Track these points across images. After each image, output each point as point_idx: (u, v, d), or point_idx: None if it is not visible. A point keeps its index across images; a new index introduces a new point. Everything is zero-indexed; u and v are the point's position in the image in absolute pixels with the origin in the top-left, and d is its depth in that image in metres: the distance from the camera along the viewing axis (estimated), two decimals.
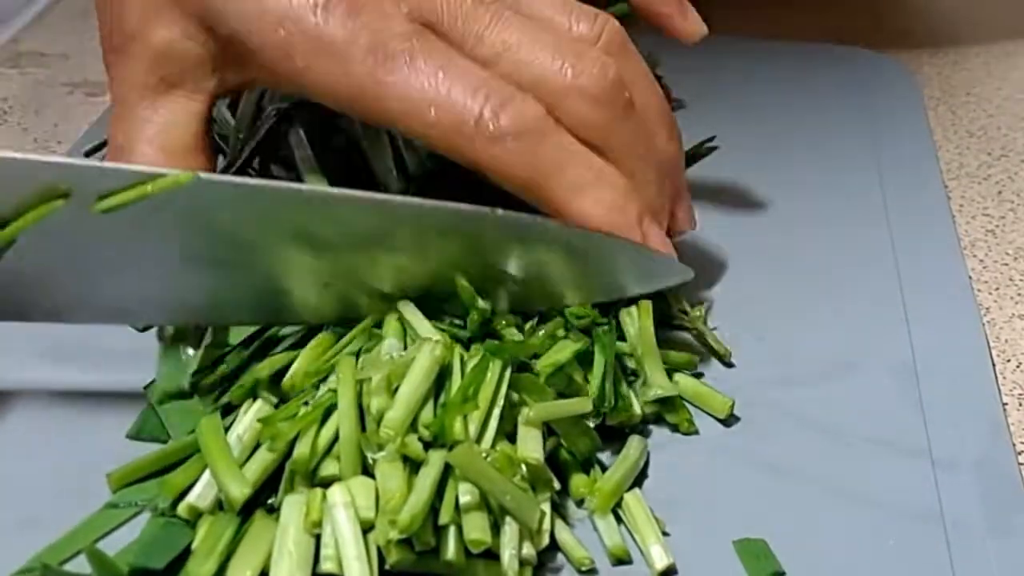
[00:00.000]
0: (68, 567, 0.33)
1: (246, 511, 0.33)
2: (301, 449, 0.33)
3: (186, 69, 0.40)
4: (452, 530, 0.32)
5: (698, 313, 0.43)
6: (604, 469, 0.37)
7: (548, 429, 0.36)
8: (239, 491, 0.33)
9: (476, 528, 0.32)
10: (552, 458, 0.36)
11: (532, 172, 0.37)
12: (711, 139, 0.51)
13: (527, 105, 0.37)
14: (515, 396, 0.36)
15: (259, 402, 0.36)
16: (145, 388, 0.39)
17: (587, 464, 0.37)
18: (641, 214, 0.39)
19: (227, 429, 0.35)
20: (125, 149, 0.40)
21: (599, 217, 0.38)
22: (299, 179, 0.43)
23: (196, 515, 0.34)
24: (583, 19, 0.40)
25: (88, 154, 0.51)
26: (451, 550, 0.32)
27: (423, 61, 0.37)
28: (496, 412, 0.35)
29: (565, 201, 0.38)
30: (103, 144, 0.50)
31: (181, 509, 0.33)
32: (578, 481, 0.36)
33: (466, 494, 0.32)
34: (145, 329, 0.41)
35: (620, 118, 0.39)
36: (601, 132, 0.38)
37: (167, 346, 0.40)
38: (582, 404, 0.36)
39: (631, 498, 0.36)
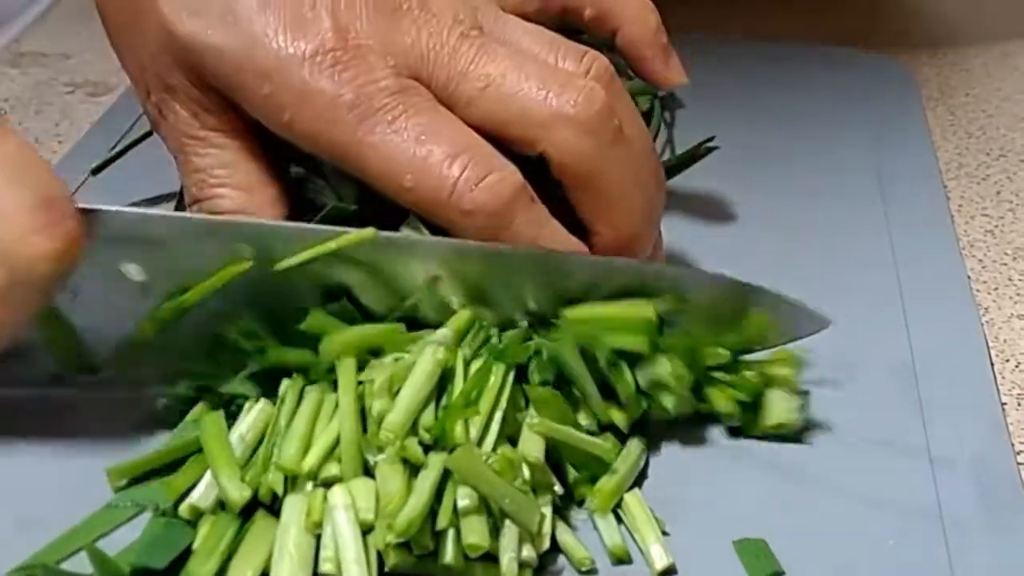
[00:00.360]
0: (68, 566, 0.33)
1: (247, 510, 0.33)
2: (292, 449, 0.33)
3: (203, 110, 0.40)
4: (451, 534, 0.32)
5: None
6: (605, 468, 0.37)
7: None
8: (238, 494, 0.33)
9: (474, 532, 0.32)
10: (553, 457, 0.36)
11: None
12: (710, 139, 0.51)
13: (504, 181, 0.36)
14: (520, 403, 0.36)
15: (262, 402, 0.36)
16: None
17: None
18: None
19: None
20: (204, 200, 0.40)
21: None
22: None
23: (197, 515, 0.34)
24: (570, 55, 0.39)
25: (99, 168, 0.51)
26: (449, 554, 0.32)
27: (404, 121, 0.36)
28: (498, 416, 0.35)
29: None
30: (117, 156, 0.51)
31: (182, 509, 0.34)
32: (579, 481, 0.36)
33: (465, 498, 0.32)
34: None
35: (608, 145, 0.38)
36: (589, 161, 0.38)
37: None
38: (596, 447, 0.36)
39: (631, 498, 0.36)
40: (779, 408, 0.38)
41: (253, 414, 0.35)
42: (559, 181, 0.38)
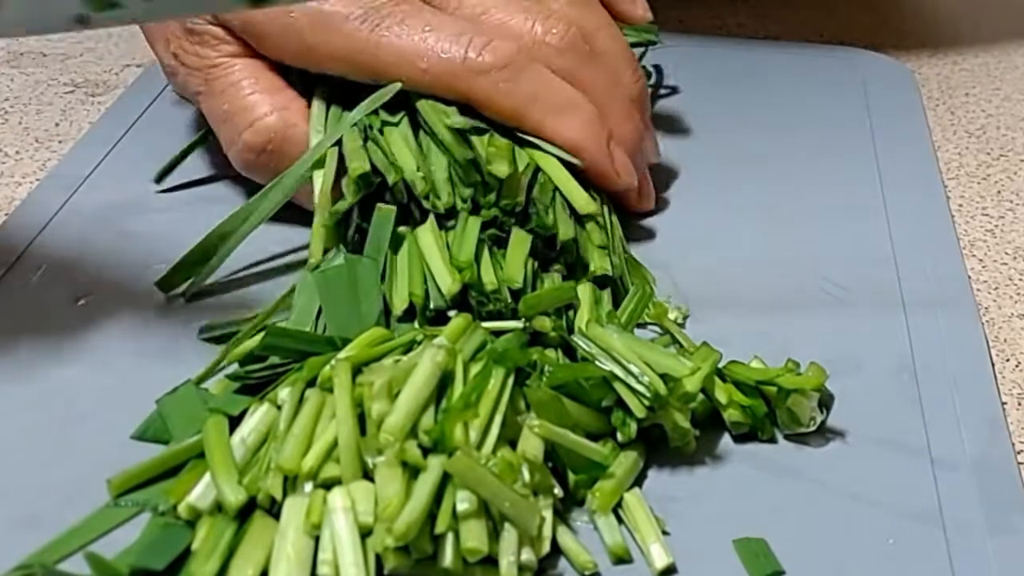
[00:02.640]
0: (67, 566, 0.33)
1: (246, 510, 0.33)
2: (291, 449, 0.33)
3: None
4: (450, 537, 0.32)
5: (675, 316, 0.44)
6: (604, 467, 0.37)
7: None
8: (234, 497, 0.33)
9: (473, 536, 0.32)
10: (553, 460, 0.36)
11: (514, 100, 0.44)
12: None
13: (505, 44, 0.44)
14: (521, 406, 0.36)
15: (266, 405, 0.36)
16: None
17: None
18: (609, 138, 0.46)
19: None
20: (237, 113, 0.46)
21: (572, 136, 0.44)
22: None
23: (196, 515, 0.34)
24: None
25: (162, 175, 0.52)
26: (448, 558, 0.32)
27: (411, 20, 0.44)
28: (498, 419, 0.35)
29: (541, 123, 0.44)
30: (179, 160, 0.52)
31: (181, 509, 0.34)
32: (579, 481, 0.36)
33: (464, 501, 0.32)
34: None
35: (584, 63, 0.46)
36: (569, 76, 0.45)
37: None
38: (595, 452, 0.36)
39: (631, 498, 0.36)
40: (798, 414, 0.39)
41: (256, 417, 0.35)
42: None
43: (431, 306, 0.39)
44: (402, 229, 0.42)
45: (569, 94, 0.45)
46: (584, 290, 0.42)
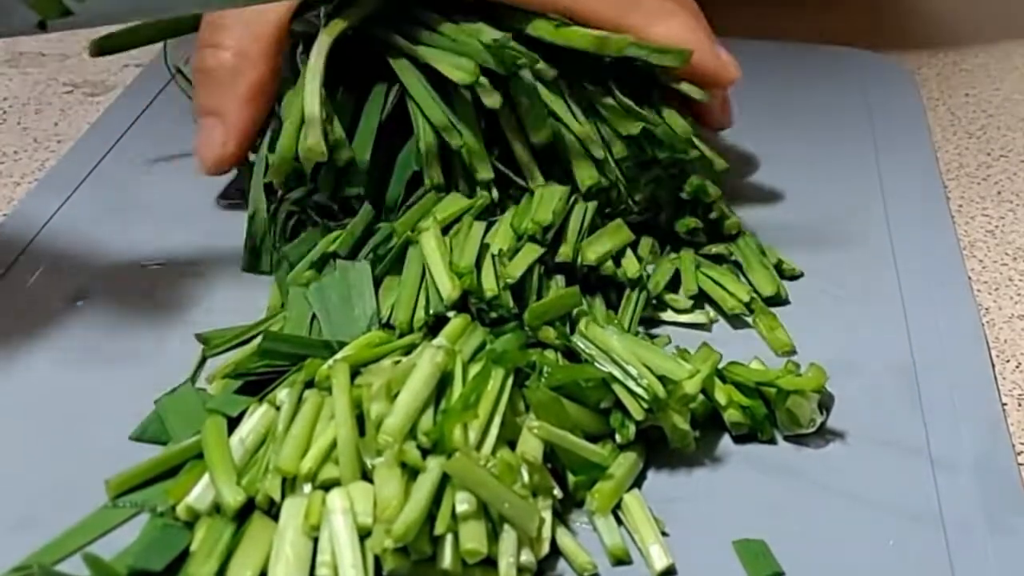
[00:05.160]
0: (66, 567, 0.33)
1: (244, 511, 0.33)
2: (290, 450, 0.33)
3: None
4: (449, 539, 0.32)
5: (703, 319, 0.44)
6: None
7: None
8: (233, 498, 0.33)
9: (472, 538, 0.32)
10: (553, 460, 0.36)
11: (616, 8, 0.46)
12: None
13: None
14: (520, 407, 0.36)
15: (264, 406, 0.36)
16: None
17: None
18: (710, 37, 0.48)
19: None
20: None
21: (680, 37, 0.47)
22: None
23: (194, 516, 0.34)
24: None
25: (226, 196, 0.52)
26: (448, 559, 0.32)
27: None
28: (497, 420, 0.35)
29: (647, 27, 0.46)
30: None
31: (180, 510, 0.33)
32: (578, 482, 0.36)
33: (463, 502, 0.32)
34: None
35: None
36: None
37: None
38: (595, 454, 0.36)
39: (631, 498, 0.36)
40: (798, 415, 0.38)
41: (254, 418, 0.35)
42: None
43: (431, 312, 0.39)
44: (409, 234, 0.42)
45: (667, 2, 0.47)
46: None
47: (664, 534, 0.35)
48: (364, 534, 0.32)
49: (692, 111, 0.49)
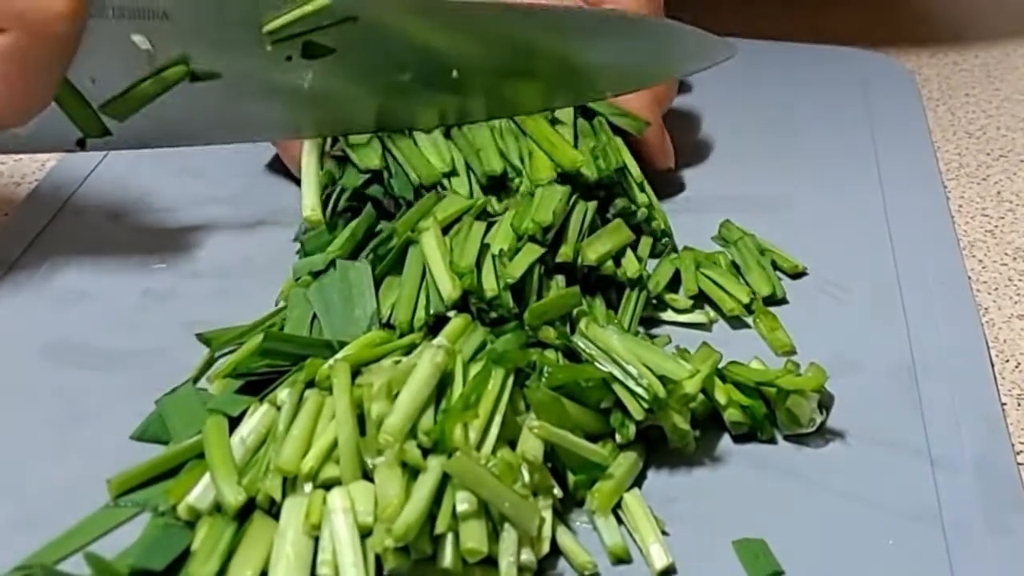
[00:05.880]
0: (67, 566, 0.33)
1: (245, 511, 0.33)
2: (290, 450, 0.33)
3: None
4: (449, 538, 0.32)
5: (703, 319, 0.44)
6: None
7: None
8: (234, 497, 0.33)
9: (473, 537, 0.32)
10: (553, 460, 0.36)
11: None
12: None
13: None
14: (520, 407, 0.36)
15: (265, 405, 0.36)
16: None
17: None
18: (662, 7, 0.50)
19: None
20: None
21: (634, 4, 0.49)
22: None
23: (195, 516, 0.34)
24: None
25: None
26: (448, 558, 0.32)
27: None
28: (497, 420, 0.35)
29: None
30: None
31: (181, 510, 0.34)
32: (578, 482, 0.36)
33: (463, 502, 0.32)
34: None
35: None
36: None
37: None
38: (595, 454, 0.36)
39: (631, 498, 0.36)
40: (798, 415, 0.38)
41: (255, 418, 0.35)
42: None
43: (431, 312, 0.39)
44: (409, 234, 0.42)
45: None
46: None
47: (664, 534, 0.35)
48: (365, 533, 0.32)
49: (633, 149, 0.49)
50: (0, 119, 0.41)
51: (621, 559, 0.34)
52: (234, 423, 0.36)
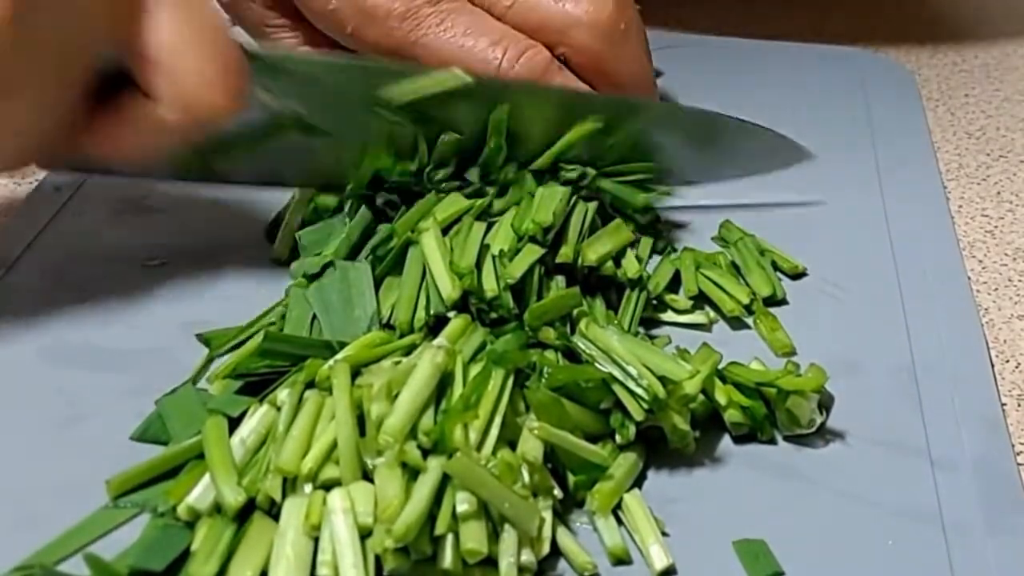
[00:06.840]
0: (67, 567, 0.33)
1: (245, 511, 0.33)
2: (290, 450, 0.33)
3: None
4: (449, 539, 0.32)
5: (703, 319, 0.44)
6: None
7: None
8: (234, 498, 0.33)
9: (473, 538, 0.32)
10: (553, 461, 0.36)
11: None
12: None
13: (538, 54, 0.46)
14: (520, 407, 0.36)
15: (265, 406, 0.36)
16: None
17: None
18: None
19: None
20: None
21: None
22: None
23: (195, 516, 0.34)
24: None
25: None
26: (448, 559, 0.32)
27: (450, 23, 0.45)
28: (497, 420, 0.35)
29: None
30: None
31: (180, 510, 0.34)
32: (578, 482, 0.36)
33: (463, 502, 0.32)
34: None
35: (619, 43, 0.47)
36: (601, 57, 0.47)
37: None
38: (595, 455, 0.36)
39: (631, 498, 0.36)
40: (798, 415, 0.38)
41: (255, 418, 0.35)
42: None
43: (431, 312, 0.39)
44: (409, 235, 0.42)
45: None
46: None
47: (664, 534, 0.35)
48: (365, 534, 0.32)
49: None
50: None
51: (621, 560, 0.34)
52: (234, 424, 0.36)
